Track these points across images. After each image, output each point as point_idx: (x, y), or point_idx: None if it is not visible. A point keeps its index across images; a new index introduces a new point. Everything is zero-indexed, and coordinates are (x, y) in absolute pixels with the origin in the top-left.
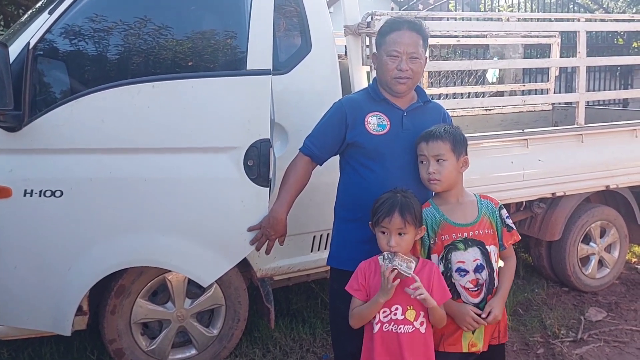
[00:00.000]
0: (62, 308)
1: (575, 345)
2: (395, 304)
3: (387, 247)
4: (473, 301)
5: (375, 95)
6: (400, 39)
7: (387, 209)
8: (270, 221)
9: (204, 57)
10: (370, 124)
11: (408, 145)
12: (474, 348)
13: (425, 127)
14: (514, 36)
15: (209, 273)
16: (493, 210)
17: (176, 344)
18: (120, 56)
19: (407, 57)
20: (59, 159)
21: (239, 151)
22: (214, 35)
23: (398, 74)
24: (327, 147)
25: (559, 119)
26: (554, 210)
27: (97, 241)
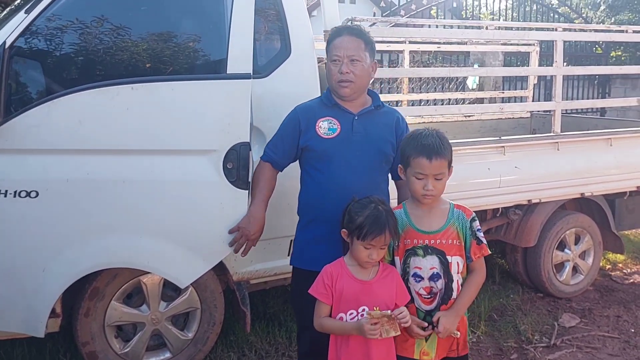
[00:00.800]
0: (36, 309)
1: (548, 350)
2: (362, 306)
3: (367, 259)
4: (425, 308)
5: (327, 101)
6: (339, 44)
7: (378, 228)
8: (250, 220)
9: (183, 60)
10: (321, 128)
11: (358, 148)
12: (425, 357)
13: (378, 131)
14: (494, 44)
15: (186, 275)
16: (464, 221)
17: (150, 347)
18: (99, 57)
19: (348, 60)
20: (34, 159)
21: (219, 154)
22: (194, 38)
23: (340, 77)
24: (285, 153)
25: (537, 126)
26: (529, 217)
27: (74, 242)
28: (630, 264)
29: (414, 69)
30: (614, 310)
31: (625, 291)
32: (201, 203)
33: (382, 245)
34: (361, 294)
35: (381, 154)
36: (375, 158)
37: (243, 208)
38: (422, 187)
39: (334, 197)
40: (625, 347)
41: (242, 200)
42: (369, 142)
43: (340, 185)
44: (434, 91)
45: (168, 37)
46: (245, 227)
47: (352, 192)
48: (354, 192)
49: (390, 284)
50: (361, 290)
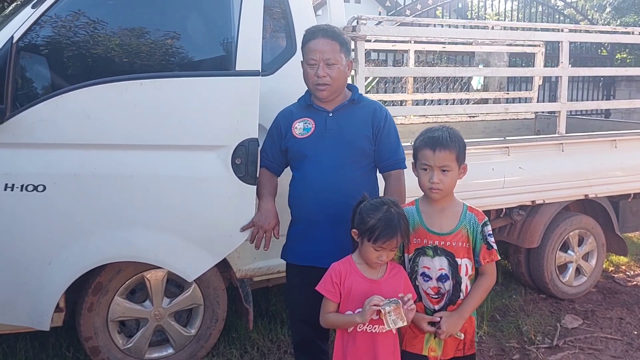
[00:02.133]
0: (41, 303)
1: (550, 351)
2: None
3: (377, 260)
4: (433, 307)
5: (303, 102)
6: (315, 47)
7: (391, 232)
8: (262, 213)
9: (192, 57)
10: (297, 129)
11: (332, 144)
12: (432, 353)
13: (352, 126)
14: (499, 44)
15: (194, 268)
16: (475, 225)
17: (153, 343)
18: (107, 53)
19: (324, 63)
20: (42, 153)
21: (227, 150)
22: (203, 35)
23: (317, 81)
24: (275, 158)
25: (541, 127)
26: (533, 218)
27: (80, 236)
28: (634, 266)
29: (419, 68)
30: (617, 312)
31: (628, 293)
32: (209, 198)
33: (392, 247)
34: (369, 292)
35: (356, 149)
36: (350, 153)
37: (251, 203)
38: (428, 179)
39: (308, 196)
40: (628, 349)
41: (250, 196)
42: (341, 138)
43: (312, 183)
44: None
45: (177, 34)
46: (259, 221)
47: (326, 188)
48: (328, 188)
49: (398, 283)
50: (370, 288)
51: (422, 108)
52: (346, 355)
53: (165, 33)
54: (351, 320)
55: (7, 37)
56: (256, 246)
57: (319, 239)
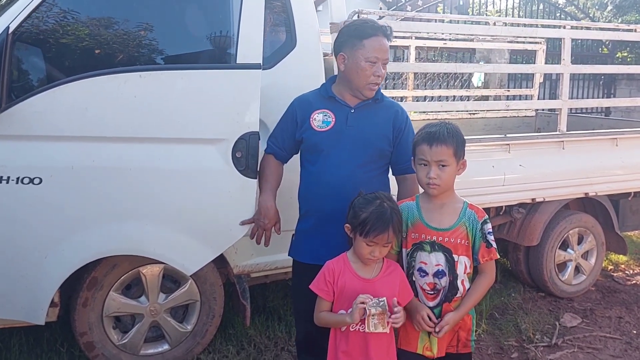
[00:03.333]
0: (37, 297)
1: (549, 350)
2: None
3: (369, 256)
4: (428, 304)
5: (324, 93)
6: (379, 46)
7: (382, 225)
8: (262, 211)
9: (193, 49)
10: (315, 121)
11: (350, 141)
12: (427, 352)
13: (373, 125)
14: (500, 41)
15: (193, 262)
16: (475, 222)
17: (149, 339)
18: (106, 44)
19: (381, 63)
20: (38, 145)
21: (228, 143)
22: (204, 27)
23: (373, 80)
24: (285, 145)
25: (541, 125)
26: (533, 216)
27: (78, 230)
28: (633, 265)
29: (420, 64)
30: (616, 311)
31: (627, 292)
32: (209, 191)
33: (384, 242)
34: (363, 291)
35: (374, 149)
36: (368, 152)
37: (252, 196)
38: (425, 174)
39: (322, 191)
40: (627, 349)
41: (250, 189)
42: (362, 136)
43: (329, 179)
44: (439, 88)
45: (178, 26)
46: (258, 218)
47: (341, 186)
48: (343, 186)
49: (394, 282)
50: (363, 288)
51: (423, 104)
52: (339, 355)
53: (165, 25)
54: (341, 320)
55: (2, 27)
56: (257, 242)
57: (329, 238)
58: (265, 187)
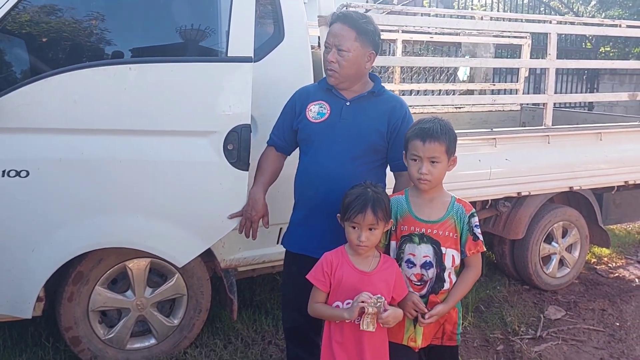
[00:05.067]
0: (24, 291)
1: (534, 342)
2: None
3: (357, 241)
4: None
5: (324, 84)
6: (332, 31)
7: (360, 205)
8: (250, 203)
9: (185, 42)
10: (311, 112)
11: (342, 134)
12: (412, 342)
13: (367, 119)
14: (486, 35)
15: (184, 254)
16: (462, 215)
17: (135, 333)
18: (96, 36)
19: (335, 49)
20: (25, 138)
21: (219, 135)
22: (195, 20)
23: (328, 66)
24: (285, 136)
25: (526, 119)
26: (518, 210)
27: (67, 223)
28: (616, 258)
29: (407, 58)
30: (599, 304)
31: (610, 285)
32: (201, 183)
33: (368, 224)
34: (360, 284)
35: (367, 143)
36: (361, 146)
37: (243, 189)
38: (417, 170)
39: (311, 182)
40: (610, 341)
41: (242, 181)
42: (355, 130)
43: (318, 171)
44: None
45: (169, 19)
46: (247, 211)
47: (330, 179)
48: (332, 179)
49: (390, 277)
50: (360, 280)
51: (410, 98)
52: (333, 347)
53: (156, 17)
54: (339, 315)
55: None
56: (245, 235)
57: (317, 229)
58: (258, 180)
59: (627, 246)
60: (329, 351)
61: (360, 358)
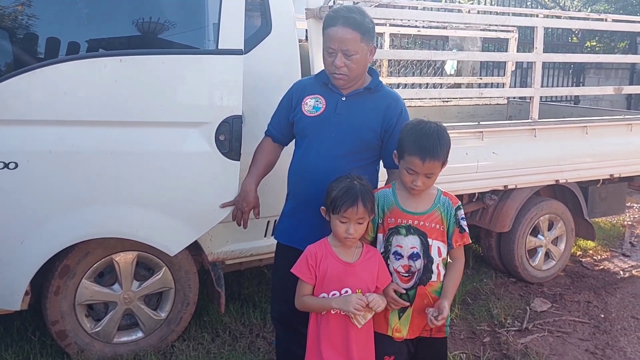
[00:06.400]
0: (12, 283)
1: (520, 334)
2: (345, 287)
3: (345, 234)
4: (403, 286)
5: (320, 79)
6: (334, 35)
7: (350, 199)
8: (241, 194)
9: (176, 34)
10: (306, 105)
11: (335, 130)
12: (397, 333)
13: (361, 116)
14: (473, 29)
15: (176, 243)
16: (449, 208)
17: (122, 327)
18: (86, 28)
19: (342, 54)
20: (13, 130)
21: (211, 126)
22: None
23: (334, 70)
24: (281, 128)
25: (513, 113)
26: (505, 203)
27: (57, 214)
28: (601, 250)
29: (396, 51)
30: (584, 296)
31: (595, 277)
32: (193, 173)
33: (357, 219)
34: (344, 275)
35: (359, 140)
36: (353, 143)
37: (234, 179)
38: (411, 181)
39: (301, 176)
40: (595, 332)
41: (233, 171)
42: (348, 126)
43: (307, 165)
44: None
45: (160, 11)
46: (238, 201)
47: (319, 173)
48: (321, 173)
49: (373, 266)
50: (344, 271)
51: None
52: (320, 337)
53: (146, 9)
54: (326, 305)
55: None
56: (237, 224)
57: (305, 222)
58: (251, 171)
59: (612, 239)
60: (315, 343)
61: (347, 349)
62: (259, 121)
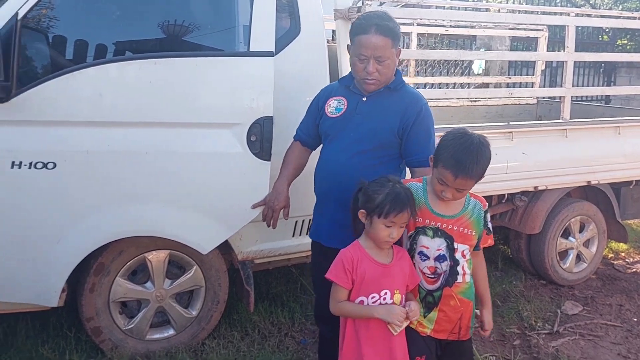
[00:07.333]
0: (50, 280)
1: (551, 337)
2: (384, 289)
3: (388, 238)
4: (427, 287)
5: (344, 82)
6: (367, 43)
7: (400, 205)
8: (273, 194)
9: (208, 37)
10: (329, 107)
11: (354, 129)
12: (421, 328)
13: (381, 115)
14: (502, 28)
15: (208, 241)
16: (479, 211)
17: (154, 324)
18: (120, 31)
19: (374, 60)
20: (52, 131)
21: (242, 127)
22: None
23: (366, 76)
24: (309, 131)
25: (543, 113)
26: (535, 204)
27: (92, 213)
28: (633, 253)
29: (424, 51)
30: (617, 299)
31: (627, 280)
32: (225, 173)
33: (402, 223)
34: (382, 277)
35: (375, 138)
36: (370, 141)
37: (265, 178)
38: (441, 191)
39: (322, 174)
40: (628, 336)
41: (264, 171)
42: (365, 125)
43: (327, 163)
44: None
45: (192, 14)
46: (270, 200)
47: (337, 171)
48: (339, 172)
49: (405, 266)
50: (382, 273)
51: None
52: (360, 340)
53: (180, 13)
54: (368, 313)
55: (11, 13)
56: (267, 224)
57: (326, 217)
58: (282, 173)
59: None
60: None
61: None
62: (288, 122)
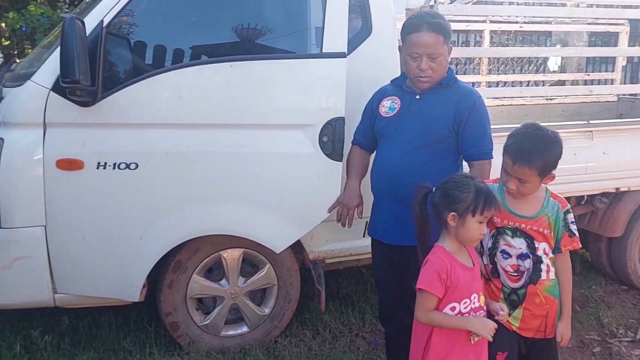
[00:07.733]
0: (132, 275)
1: (634, 345)
2: (474, 293)
3: (480, 235)
4: (511, 285)
5: (397, 82)
6: (419, 41)
7: (492, 198)
8: (347, 193)
9: (282, 40)
10: (383, 107)
11: (408, 126)
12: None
13: (434, 110)
14: (580, 23)
15: (281, 240)
16: (558, 212)
17: (229, 321)
18: (198, 37)
19: (427, 57)
20: (134, 133)
21: (315, 128)
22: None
23: (419, 74)
24: (367, 135)
25: (624, 110)
26: (616, 206)
27: (172, 211)
28: None
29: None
30: None
31: None
32: (298, 173)
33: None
34: (472, 281)
35: (429, 134)
36: (424, 138)
37: (337, 178)
38: (505, 181)
39: (378, 172)
40: None
41: (336, 171)
42: (420, 121)
43: (382, 161)
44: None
45: (266, 18)
46: (343, 199)
47: (391, 169)
48: (393, 169)
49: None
50: (472, 277)
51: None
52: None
53: (253, 16)
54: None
55: (97, 20)
56: (342, 224)
57: (383, 215)
58: (350, 173)
59: None
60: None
61: None
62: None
